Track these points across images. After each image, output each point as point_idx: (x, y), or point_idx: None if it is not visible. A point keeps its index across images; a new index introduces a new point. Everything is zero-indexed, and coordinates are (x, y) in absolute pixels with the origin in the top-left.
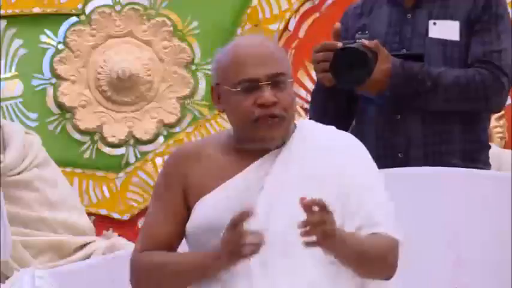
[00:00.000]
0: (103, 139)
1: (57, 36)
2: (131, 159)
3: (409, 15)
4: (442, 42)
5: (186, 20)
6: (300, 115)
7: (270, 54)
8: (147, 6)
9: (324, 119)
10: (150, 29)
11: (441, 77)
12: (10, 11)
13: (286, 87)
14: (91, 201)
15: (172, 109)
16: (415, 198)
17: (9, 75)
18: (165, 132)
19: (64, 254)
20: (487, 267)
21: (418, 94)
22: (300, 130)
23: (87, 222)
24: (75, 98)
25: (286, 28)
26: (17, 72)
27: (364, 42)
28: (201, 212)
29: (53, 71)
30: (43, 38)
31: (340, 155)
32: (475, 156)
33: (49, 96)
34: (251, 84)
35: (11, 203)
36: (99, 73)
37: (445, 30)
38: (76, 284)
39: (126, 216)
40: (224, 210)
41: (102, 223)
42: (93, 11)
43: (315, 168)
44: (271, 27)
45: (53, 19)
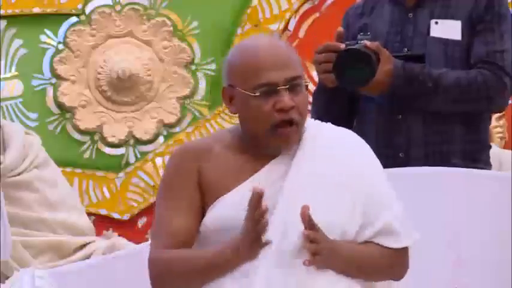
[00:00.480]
0: (103, 139)
1: (57, 36)
2: (131, 159)
3: (411, 14)
4: (444, 42)
5: (186, 20)
6: None
7: (286, 57)
8: (147, 6)
9: (326, 119)
10: (150, 29)
11: (442, 78)
12: (10, 11)
13: (302, 90)
14: (91, 201)
15: (172, 109)
16: (415, 198)
17: (9, 75)
18: (165, 132)
19: (64, 254)
20: (487, 267)
21: (420, 95)
22: (309, 130)
23: (87, 222)
24: (75, 98)
25: (286, 28)
26: (17, 72)
27: (366, 43)
28: (217, 212)
29: (53, 71)
30: (43, 38)
31: (352, 156)
32: (476, 156)
33: (49, 96)
34: (270, 89)
35: (11, 203)
36: (99, 73)
37: (447, 29)
38: (76, 284)
39: (126, 216)
40: (242, 211)
41: (102, 223)
42: (93, 11)
43: (328, 168)
44: (271, 27)
45: (53, 19)
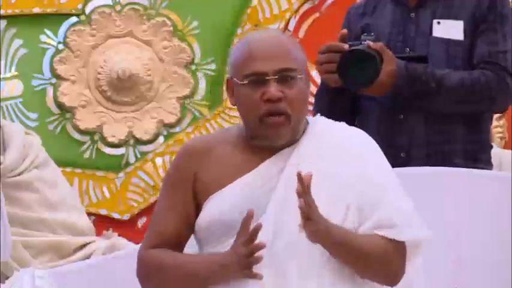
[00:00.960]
0: (103, 139)
1: (57, 36)
2: (131, 159)
3: (413, 14)
4: (446, 42)
5: (186, 20)
6: None
7: (280, 48)
8: (147, 6)
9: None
10: (150, 29)
11: (445, 79)
12: (10, 11)
13: (296, 83)
14: (91, 201)
15: (172, 109)
16: (416, 198)
17: (9, 75)
18: (165, 132)
19: (64, 254)
20: (487, 267)
21: (422, 96)
22: (312, 127)
23: (86, 222)
24: (75, 98)
25: (286, 28)
26: (17, 72)
27: (370, 43)
28: (212, 208)
29: (53, 71)
30: (43, 38)
31: (356, 154)
32: (478, 156)
33: (49, 96)
34: (258, 78)
35: (11, 203)
36: (99, 73)
37: (449, 29)
38: (76, 284)
39: (126, 216)
40: (236, 207)
41: (102, 223)
42: (93, 11)
43: (330, 166)
44: (271, 27)
45: (53, 19)
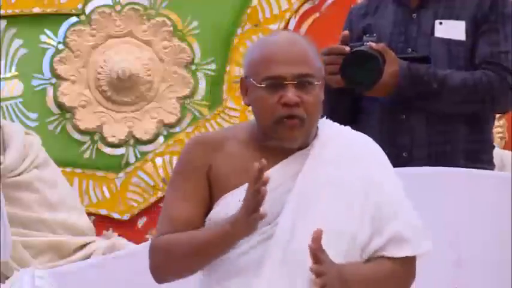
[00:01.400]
0: (103, 139)
1: (57, 36)
2: (131, 159)
3: (415, 15)
4: (448, 42)
5: (186, 20)
6: None
7: (300, 53)
8: (147, 6)
9: (331, 120)
10: (150, 29)
11: (447, 79)
12: (10, 11)
13: (313, 88)
14: (91, 201)
15: (172, 109)
16: (416, 198)
17: (9, 75)
18: (165, 132)
19: (64, 254)
20: (487, 267)
21: (425, 96)
22: (322, 130)
23: (86, 222)
24: (75, 98)
25: (286, 28)
26: (17, 72)
27: (372, 44)
28: (224, 208)
29: (53, 71)
30: (43, 38)
31: (366, 161)
32: (479, 156)
33: (49, 96)
34: (276, 82)
35: (11, 203)
36: (99, 73)
37: (451, 30)
38: (76, 284)
39: (126, 216)
40: None
41: (102, 223)
42: (93, 11)
43: (341, 171)
44: (271, 27)
45: (53, 19)
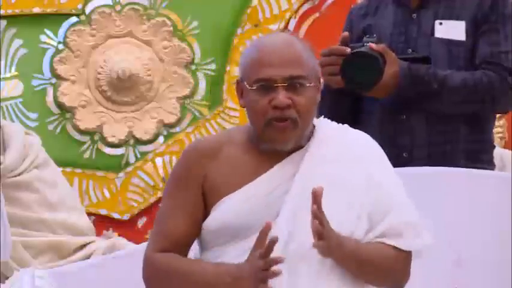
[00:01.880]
0: (103, 139)
1: (57, 36)
2: (131, 159)
3: (415, 15)
4: (448, 42)
5: (186, 20)
6: None
7: (291, 55)
8: (147, 6)
9: (331, 120)
10: (150, 29)
11: (448, 79)
12: (10, 11)
13: (305, 90)
14: (91, 201)
15: (172, 109)
16: (416, 198)
17: (9, 75)
18: (165, 132)
19: (64, 254)
20: (487, 267)
21: (425, 96)
22: (319, 131)
23: (86, 222)
24: (75, 98)
25: (286, 28)
26: (17, 72)
27: (372, 45)
28: (221, 213)
29: (53, 71)
30: (43, 38)
31: (364, 159)
32: (480, 157)
33: (49, 96)
34: (267, 84)
35: (11, 204)
36: (99, 73)
37: (451, 30)
38: (76, 284)
39: (126, 216)
40: (246, 212)
41: (102, 223)
42: (93, 11)
43: (341, 172)
44: (271, 27)
45: (53, 19)
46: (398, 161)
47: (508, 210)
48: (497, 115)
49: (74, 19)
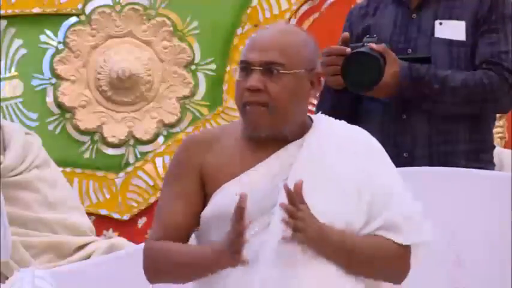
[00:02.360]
0: (103, 139)
1: (57, 36)
2: (131, 159)
3: (415, 15)
4: (448, 42)
5: (186, 20)
6: None
7: (274, 42)
8: (147, 6)
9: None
10: (150, 29)
11: (448, 79)
12: (10, 11)
13: (282, 78)
14: (91, 201)
15: (172, 109)
16: (416, 198)
17: (9, 75)
18: (165, 132)
19: (64, 254)
20: (486, 267)
21: (426, 96)
22: (317, 124)
23: (86, 222)
24: (75, 98)
25: None
26: (17, 72)
27: (372, 45)
28: (219, 201)
29: (53, 71)
30: (43, 38)
31: (362, 152)
32: (480, 156)
33: (49, 96)
34: (245, 67)
35: (11, 203)
36: (99, 73)
37: (451, 30)
38: (76, 283)
39: (126, 216)
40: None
41: (102, 223)
42: (93, 11)
43: (338, 163)
44: None
45: (53, 19)
46: (398, 160)
47: (507, 210)
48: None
49: (74, 19)
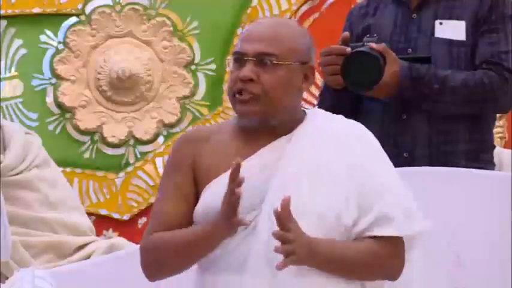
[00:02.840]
0: (103, 139)
1: (57, 36)
2: (131, 159)
3: (415, 15)
4: (448, 42)
5: (186, 20)
6: None
7: (268, 33)
8: (147, 6)
9: None
10: (150, 29)
11: (448, 79)
12: (10, 11)
13: (275, 69)
14: (91, 201)
15: (172, 109)
16: (416, 198)
17: (9, 75)
18: (165, 132)
19: (64, 254)
20: (486, 267)
21: (426, 96)
22: (311, 117)
23: (87, 222)
24: (75, 98)
25: None
26: (17, 72)
27: (372, 45)
28: (209, 196)
29: (53, 71)
30: (43, 38)
31: (355, 146)
32: (480, 156)
33: (49, 96)
34: (239, 57)
35: (11, 203)
36: (99, 73)
37: (451, 30)
38: (76, 284)
39: (126, 216)
40: None
41: (102, 223)
42: (93, 11)
43: (327, 156)
44: None
45: (53, 19)
46: (398, 160)
47: (507, 210)
48: (497, 115)
49: (74, 19)
